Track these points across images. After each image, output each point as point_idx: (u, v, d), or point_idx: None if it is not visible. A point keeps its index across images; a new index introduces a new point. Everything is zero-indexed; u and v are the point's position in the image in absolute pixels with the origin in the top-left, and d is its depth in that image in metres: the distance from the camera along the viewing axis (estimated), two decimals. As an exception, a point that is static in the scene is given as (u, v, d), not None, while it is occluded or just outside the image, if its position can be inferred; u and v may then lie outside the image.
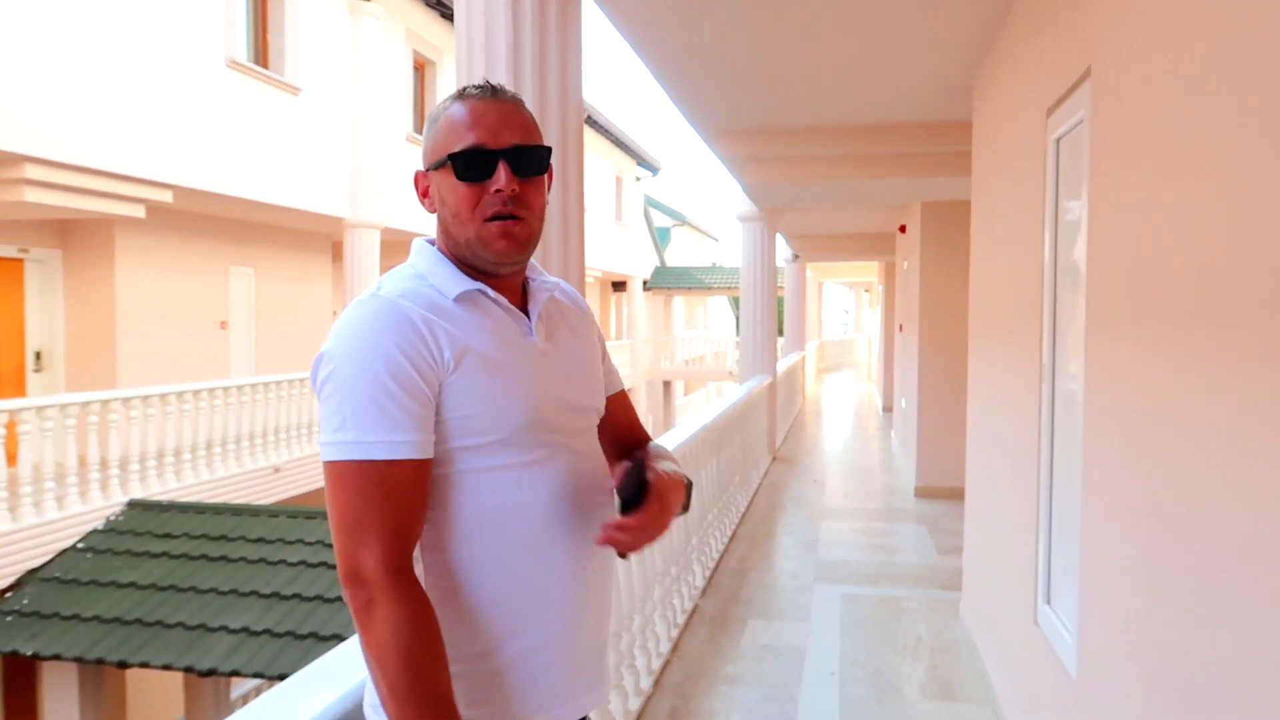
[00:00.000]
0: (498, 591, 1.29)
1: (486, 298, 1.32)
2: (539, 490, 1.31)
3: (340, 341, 1.24)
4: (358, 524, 1.20)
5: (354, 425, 1.20)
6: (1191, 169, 1.81)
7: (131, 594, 6.81)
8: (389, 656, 1.16)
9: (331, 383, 1.23)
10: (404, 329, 1.23)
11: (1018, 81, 3.79)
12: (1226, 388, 1.63)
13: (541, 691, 1.32)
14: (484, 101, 1.31)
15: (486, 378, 1.27)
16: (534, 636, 1.31)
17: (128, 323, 9.53)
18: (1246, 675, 1.53)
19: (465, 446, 1.27)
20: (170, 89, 8.67)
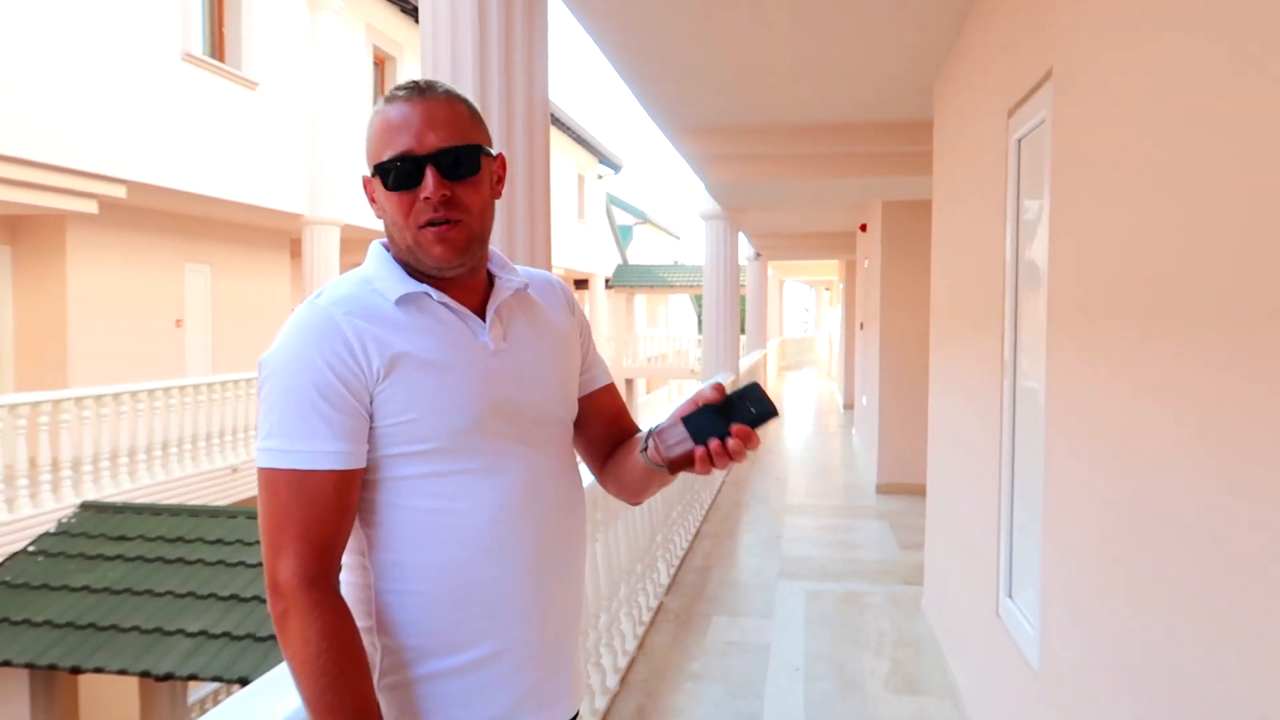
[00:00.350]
0: (448, 599, 1.26)
1: (430, 299, 1.29)
2: (486, 497, 1.27)
3: (275, 350, 1.24)
4: (276, 533, 1.19)
5: (279, 434, 1.20)
6: (1151, 170, 1.85)
7: (85, 598, 6.66)
8: (301, 668, 1.15)
9: (264, 389, 1.23)
10: (331, 339, 1.22)
11: (979, 82, 3.84)
12: (1184, 385, 1.67)
13: (495, 704, 1.28)
14: (409, 103, 1.27)
15: (422, 383, 1.24)
16: (487, 647, 1.28)
17: (79, 321, 9.32)
18: (1203, 665, 1.57)
19: (401, 454, 1.25)
20: (124, 82, 8.49)
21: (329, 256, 11.42)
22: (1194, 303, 1.63)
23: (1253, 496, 1.41)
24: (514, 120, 2.85)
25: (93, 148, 8.10)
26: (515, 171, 2.85)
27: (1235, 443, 1.47)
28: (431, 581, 1.26)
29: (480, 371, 1.29)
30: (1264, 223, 1.38)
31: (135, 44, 8.64)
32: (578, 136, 21.33)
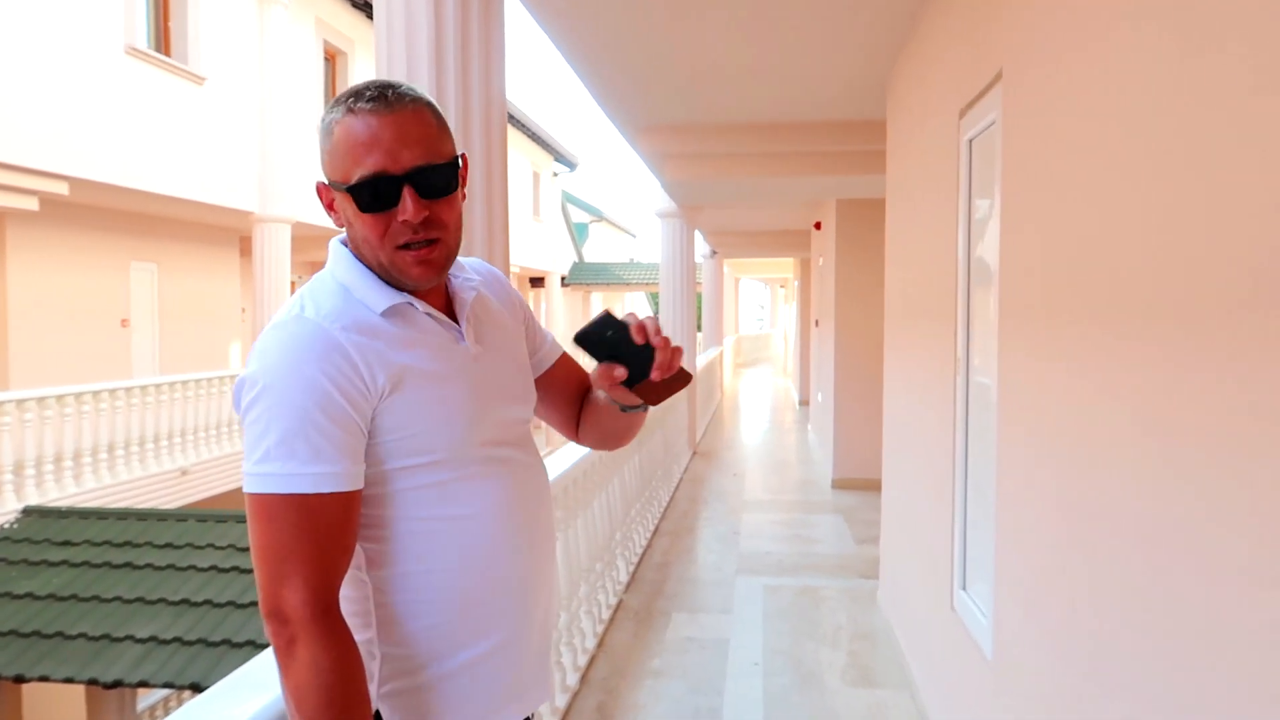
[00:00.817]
0: (446, 605, 1.27)
1: (415, 309, 1.28)
2: (482, 502, 1.29)
3: (264, 367, 1.17)
4: (281, 560, 1.14)
5: (279, 457, 1.14)
6: (1097, 171, 1.89)
7: (28, 605, 6.49)
8: (308, 697, 1.13)
9: (255, 410, 1.16)
10: (332, 356, 1.17)
11: (931, 83, 3.90)
12: (1131, 380, 1.71)
13: (487, 699, 1.31)
14: (377, 115, 1.18)
15: (425, 395, 1.24)
16: (483, 646, 1.30)
17: (20, 321, 9.07)
18: (1151, 655, 1.61)
19: (404, 466, 1.24)
20: (65, 76, 8.28)
21: (280, 254, 11.26)
22: (1141, 300, 1.67)
23: (1198, 490, 1.45)
24: (471, 119, 2.83)
25: (33, 143, 7.89)
26: (474, 172, 2.83)
27: (1182, 437, 1.51)
28: (440, 588, 1.26)
29: (470, 380, 1.30)
30: (1209, 220, 1.42)
31: (77, 37, 8.43)
32: (533, 134, 21.23)
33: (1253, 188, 1.29)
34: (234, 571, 6.75)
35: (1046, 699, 2.20)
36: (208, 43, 10.36)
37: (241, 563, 6.84)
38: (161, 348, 11.30)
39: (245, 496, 1.18)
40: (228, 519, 7.55)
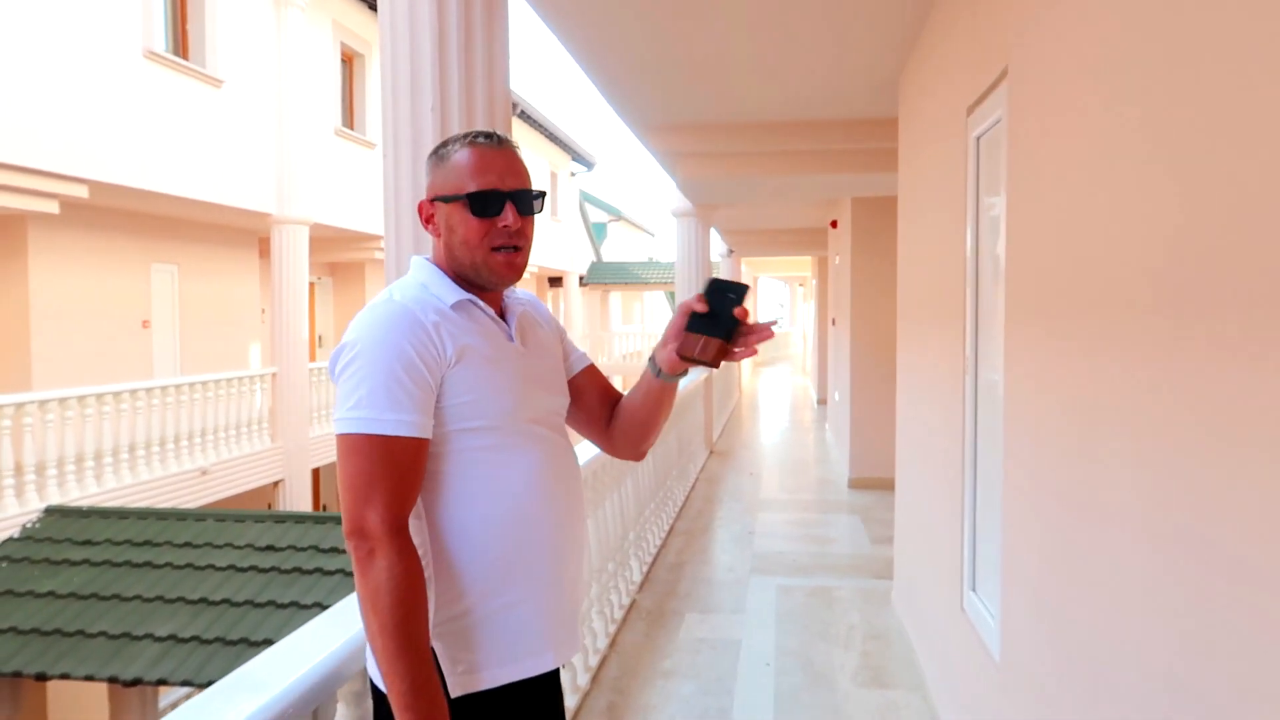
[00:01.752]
0: (486, 552, 1.51)
1: (476, 307, 1.58)
2: (521, 468, 1.55)
3: (360, 334, 1.47)
4: (366, 486, 1.41)
5: (368, 405, 1.42)
6: (1105, 168, 1.87)
7: (50, 603, 6.57)
8: (382, 598, 1.36)
9: (351, 368, 1.45)
10: (414, 328, 1.47)
11: (940, 80, 3.87)
12: (1137, 380, 1.69)
13: (519, 643, 1.53)
14: (493, 149, 1.56)
15: (482, 371, 1.52)
16: (515, 593, 1.52)
17: (43, 323, 9.18)
18: (1158, 657, 1.59)
19: (462, 429, 1.51)
20: (84, 80, 8.37)
21: (298, 255, 11.33)
22: (1148, 297, 1.65)
23: (1207, 491, 1.43)
24: (474, 116, 2.83)
25: (53, 147, 7.98)
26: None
27: (1189, 437, 1.49)
28: (485, 538, 1.51)
29: (516, 367, 1.59)
30: (1212, 218, 1.40)
31: (96, 41, 8.52)
32: (550, 134, 21.27)
33: (1263, 185, 1.27)
34: (252, 571, 6.81)
35: (1054, 702, 2.18)
36: (225, 46, 10.45)
37: (259, 562, 6.89)
38: (182, 349, 11.41)
39: (337, 438, 1.45)
40: (246, 519, 7.62)
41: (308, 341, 11.79)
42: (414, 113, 2.82)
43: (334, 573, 6.69)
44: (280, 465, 11.19)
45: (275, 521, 7.54)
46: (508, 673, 1.53)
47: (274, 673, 1.64)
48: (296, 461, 11.39)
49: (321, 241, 13.50)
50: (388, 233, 2.92)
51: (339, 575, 6.66)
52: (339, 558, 6.90)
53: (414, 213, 2.82)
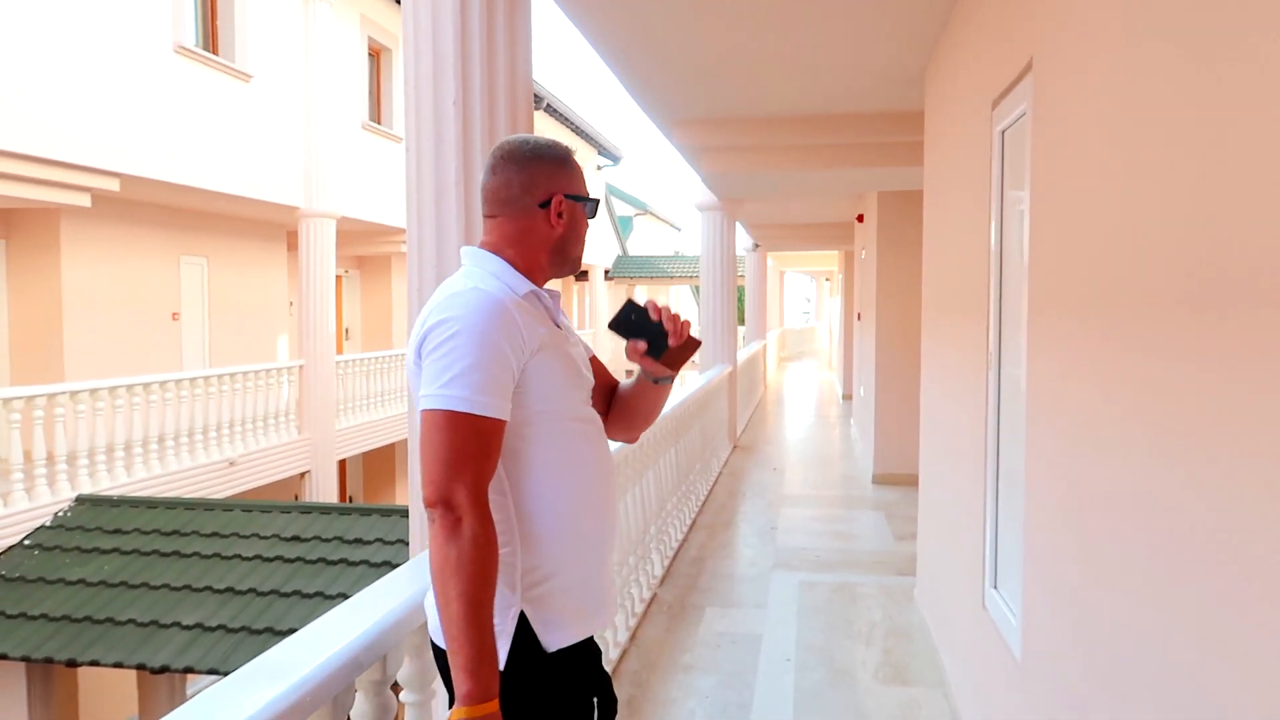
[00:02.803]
0: (567, 524, 1.64)
1: (538, 298, 1.70)
2: (588, 446, 1.71)
3: (457, 316, 1.55)
4: (456, 460, 1.50)
5: (462, 384, 1.51)
6: (1129, 162, 1.85)
7: (80, 591, 6.69)
8: (467, 565, 1.46)
9: (445, 347, 1.53)
10: (508, 322, 1.57)
11: (965, 73, 3.83)
12: (1162, 375, 1.67)
13: (592, 603, 1.69)
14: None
15: (555, 360, 1.64)
16: (590, 560, 1.68)
17: (74, 314, 9.33)
18: (1180, 655, 1.57)
19: (542, 411, 1.62)
20: (116, 75, 8.48)
21: (325, 249, 11.42)
22: (1172, 294, 1.62)
23: (1232, 490, 1.41)
24: (497, 110, 2.84)
25: (85, 141, 8.09)
26: (498, 164, 2.84)
27: (1209, 433, 1.47)
28: (565, 510, 1.65)
29: (568, 354, 1.71)
30: (1237, 213, 1.38)
31: (127, 36, 8.63)
32: (576, 127, 21.29)
33: None
34: (277, 561, 6.89)
35: (1075, 701, 2.16)
36: (254, 41, 10.55)
37: (285, 552, 6.97)
38: (211, 341, 11.55)
39: (423, 414, 1.53)
40: (272, 509, 7.70)
41: (334, 334, 11.89)
42: (436, 106, 2.83)
43: (358, 564, 6.75)
44: (307, 457, 11.30)
45: (301, 512, 7.62)
46: (586, 628, 1.69)
47: (293, 661, 1.66)
48: (323, 453, 11.49)
49: (348, 235, 13.60)
50: (410, 225, 2.93)
51: (363, 566, 6.72)
52: (363, 549, 6.97)
53: (435, 205, 2.84)
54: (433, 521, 1.51)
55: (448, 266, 2.77)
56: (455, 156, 2.81)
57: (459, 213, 2.80)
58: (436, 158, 2.83)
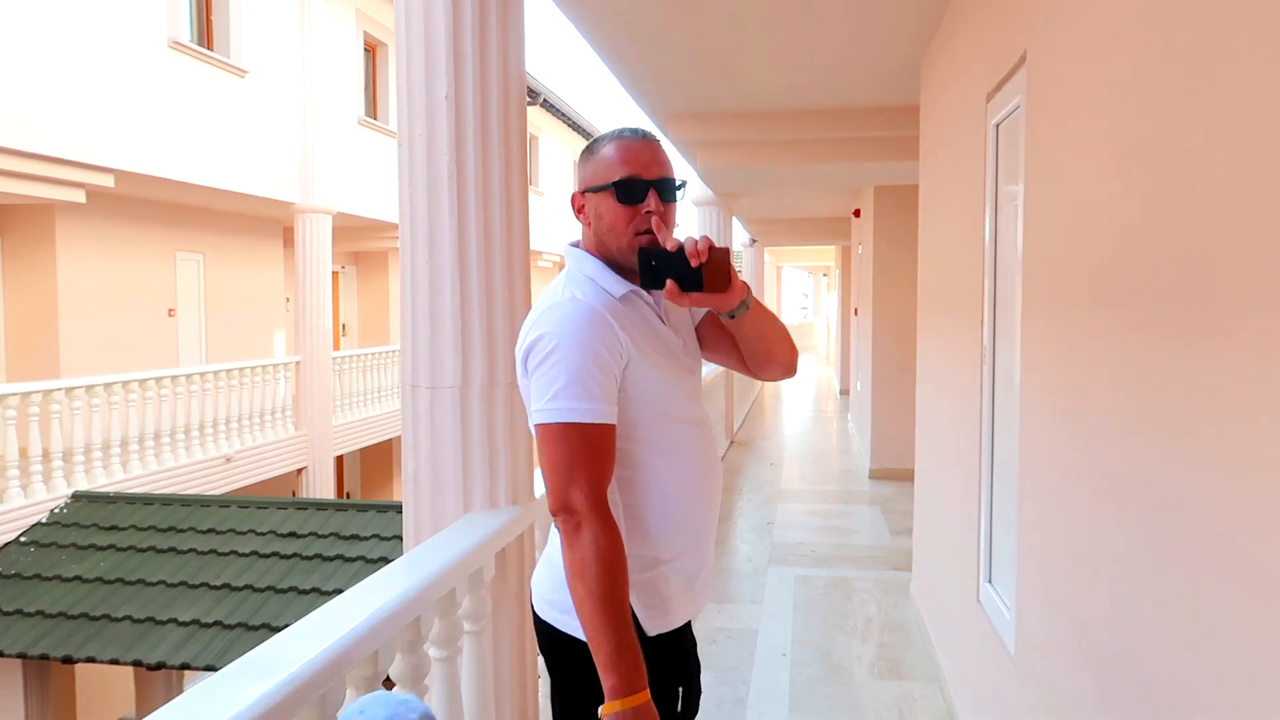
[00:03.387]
0: (672, 520, 1.71)
1: (638, 298, 1.72)
2: (690, 446, 1.75)
3: (554, 332, 1.60)
4: (569, 468, 1.56)
5: (565, 396, 1.57)
6: (1121, 154, 1.84)
7: (77, 588, 6.67)
8: (591, 566, 1.52)
9: (547, 363, 1.60)
10: (605, 330, 1.61)
11: (959, 66, 3.82)
12: (1157, 372, 1.66)
13: (691, 590, 1.77)
14: (638, 141, 1.70)
15: (651, 361, 1.68)
16: (693, 553, 1.75)
17: (70, 310, 9.30)
18: (1172, 648, 1.57)
19: (643, 414, 1.68)
20: (110, 70, 8.45)
21: (321, 245, 11.39)
22: (1156, 286, 1.62)
23: (1224, 486, 1.40)
24: (489, 102, 2.82)
25: (79, 137, 8.07)
26: (492, 153, 2.83)
27: (1202, 428, 1.46)
28: (671, 506, 1.71)
29: (673, 352, 1.76)
30: (1227, 209, 1.37)
31: (121, 32, 8.59)
32: (572, 122, 21.23)
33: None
34: (274, 557, 6.88)
35: (1068, 696, 2.15)
36: (250, 36, 10.51)
37: (281, 549, 6.96)
38: (207, 337, 11.53)
39: (536, 427, 1.62)
40: (268, 505, 7.69)
41: (332, 330, 11.87)
42: (429, 101, 2.81)
43: (354, 559, 6.75)
44: (304, 453, 11.28)
45: (297, 509, 7.61)
46: (685, 614, 1.78)
47: (281, 657, 1.65)
48: (319, 449, 11.48)
49: (345, 230, 13.57)
50: (403, 220, 2.92)
51: (359, 562, 6.71)
52: (359, 544, 6.96)
53: (427, 199, 2.83)
54: (559, 528, 1.59)
55: (440, 259, 2.77)
56: (447, 150, 2.79)
57: (451, 208, 2.79)
58: (429, 152, 2.81)
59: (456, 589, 2.35)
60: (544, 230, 18.99)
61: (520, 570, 2.90)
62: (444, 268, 2.77)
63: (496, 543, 2.61)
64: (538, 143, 20.20)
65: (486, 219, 2.82)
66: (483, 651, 2.62)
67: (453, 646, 2.38)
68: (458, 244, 2.78)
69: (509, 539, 2.74)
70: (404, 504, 2.98)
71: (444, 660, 2.35)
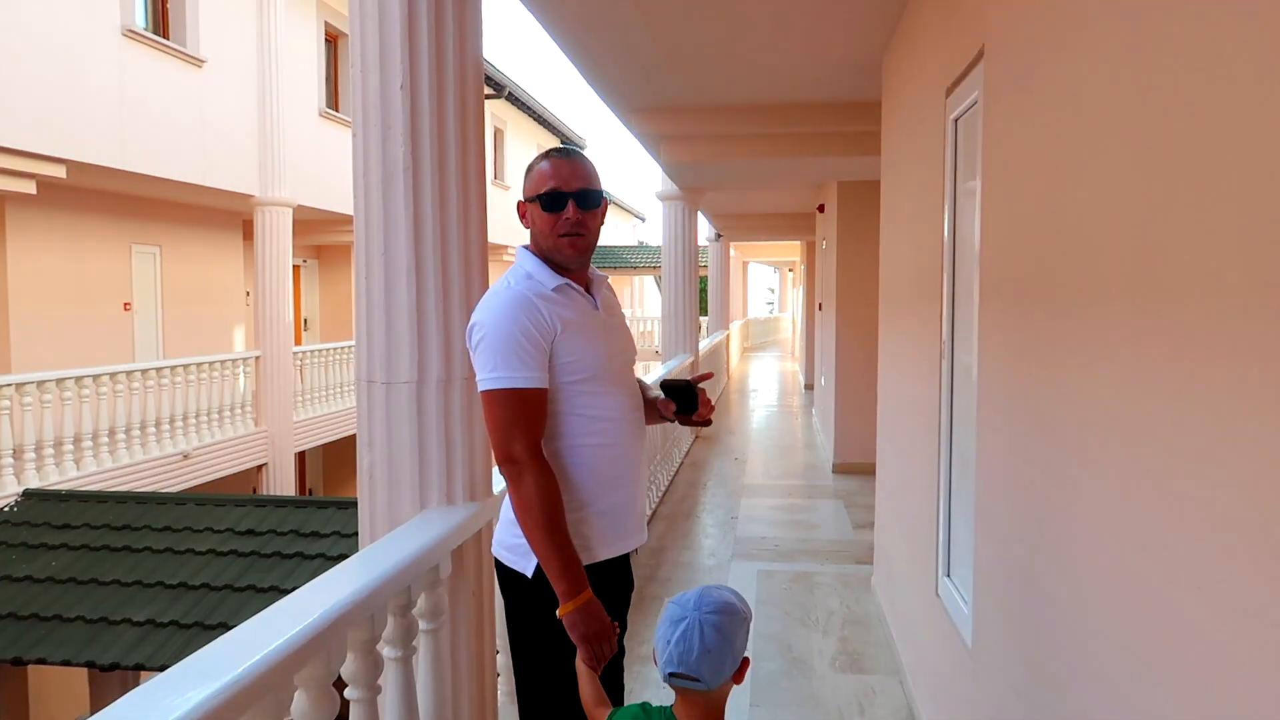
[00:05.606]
0: (596, 468, 2.06)
1: (571, 288, 2.09)
2: (614, 405, 2.10)
3: (489, 315, 2.00)
4: (509, 425, 1.95)
5: (501, 367, 1.95)
6: (1076, 149, 1.84)
7: (27, 588, 6.52)
8: (535, 506, 1.92)
9: (484, 342, 1.97)
10: (530, 310, 1.98)
11: (920, 61, 3.83)
12: (1108, 367, 1.66)
13: (616, 532, 2.11)
14: (560, 159, 2.09)
15: (578, 336, 2.03)
16: (614, 496, 2.09)
17: (20, 305, 9.08)
18: (1126, 644, 1.57)
19: (570, 380, 2.03)
20: (60, 58, 8.25)
21: (282, 238, 11.23)
22: (1113, 283, 1.62)
23: (1174, 479, 1.41)
24: (445, 94, 2.78)
25: (28, 126, 7.87)
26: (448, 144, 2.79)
27: (1159, 426, 1.46)
28: (593, 457, 2.06)
29: (601, 330, 2.12)
30: (1185, 204, 1.37)
31: (72, 18, 8.39)
32: (539, 117, 21.13)
33: (1240, 172, 1.24)
34: (231, 555, 6.77)
35: (1024, 690, 2.16)
36: (207, 25, 10.31)
37: (239, 546, 6.85)
38: (165, 331, 11.32)
39: (481, 394, 1.99)
40: (226, 503, 7.57)
41: (293, 324, 11.71)
42: (383, 91, 2.76)
43: (314, 557, 6.66)
44: (264, 449, 11.13)
45: (256, 505, 7.49)
46: (610, 550, 2.10)
47: (227, 659, 1.61)
48: (280, 445, 11.33)
49: (306, 224, 13.39)
50: (357, 212, 2.87)
51: (319, 560, 6.62)
52: (319, 542, 6.87)
53: (383, 191, 2.78)
54: (504, 475, 1.95)
55: (396, 251, 2.72)
56: (403, 141, 2.74)
57: (407, 200, 2.74)
58: (384, 143, 2.77)
59: (412, 587, 2.31)
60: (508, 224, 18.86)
61: (479, 567, 2.86)
62: (399, 260, 2.72)
63: (454, 539, 2.57)
64: (504, 137, 20.07)
65: (443, 211, 2.77)
66: (440, 650, 2.58)
67: (408, 646, 2.34)
68: (413, 236, 2.73)
69: (467, 535, 2.70)
70: (359, 501, 2.94)
71: (399, 660, 2.31)
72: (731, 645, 1.59)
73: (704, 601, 1.59)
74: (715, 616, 1.57)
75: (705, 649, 1.55)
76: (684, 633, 1.56)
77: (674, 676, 1.58)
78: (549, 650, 2.04)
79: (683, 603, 1.61)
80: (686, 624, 1.57)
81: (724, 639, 1.57)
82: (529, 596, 2.05)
